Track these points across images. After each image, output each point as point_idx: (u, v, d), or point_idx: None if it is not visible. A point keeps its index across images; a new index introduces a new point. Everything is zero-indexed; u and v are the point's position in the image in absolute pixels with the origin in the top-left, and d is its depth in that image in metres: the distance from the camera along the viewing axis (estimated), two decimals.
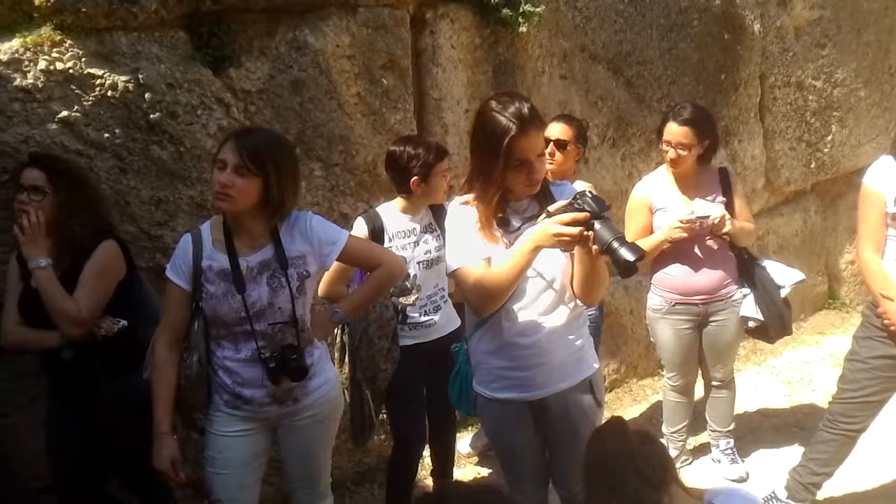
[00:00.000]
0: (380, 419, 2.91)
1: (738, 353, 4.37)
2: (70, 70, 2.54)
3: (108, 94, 2.61)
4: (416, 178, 2.68)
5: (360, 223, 2.76)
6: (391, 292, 2.65)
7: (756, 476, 3.45)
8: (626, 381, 4.46)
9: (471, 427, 3.78)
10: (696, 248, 3.10)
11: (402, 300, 2.70)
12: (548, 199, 2.05)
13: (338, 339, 2.77)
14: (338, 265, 2.47)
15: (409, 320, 2.79)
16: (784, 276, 3.16)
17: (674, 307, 3.20)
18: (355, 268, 2.60)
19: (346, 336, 2.71)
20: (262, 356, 2.17)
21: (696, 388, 3.51)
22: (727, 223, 2.99)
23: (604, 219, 1.83)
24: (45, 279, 2.29)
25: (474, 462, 3.66)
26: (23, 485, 2.39)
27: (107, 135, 2.64)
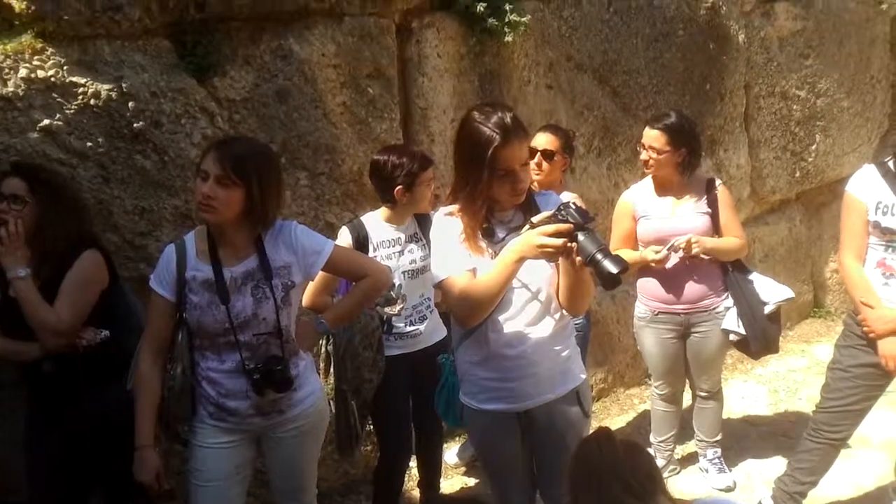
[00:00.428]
0: (365, 430, 2.89)
1: (726, 363, 4.39)
2: (52, 78, 2.52)
3: (91, 102, 2.59)
4: (400, 187, 2.68)
5: (344, 232, 2.75)
6: (376, 302, 2.64)
7: (743, 485, 3.45)
8: (614, 391, 4.45)
9: (458, 437, 3.76)
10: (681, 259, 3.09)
11: (387, 310, 2.68)
12: (533, 210, 2.04)
13: (322, 350, 2.74)
14: (323, 275, 2.44)
15: (395, 330, 2.78)
16: (771, 291, 3.13)
17: (657, 316, 3.21)
18: (340, 278, 2.58)
19: (330, 346, 2.68)
20: (247, 367, 2.15)
21: (683, 397, 3.51)
22: (694, 246, 2.97)
23: (587, 230, 1.83)
24: (24, 289, 2.25)
25: (461, 472, 3.64)
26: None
27: (89, 144, 2.62)
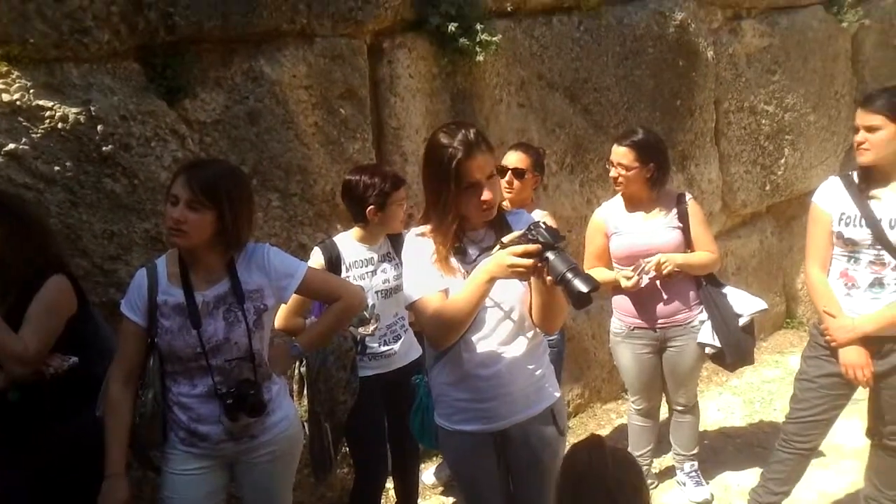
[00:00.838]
0: (341, 452, 2.87)
1: (701, 375, 4.42)
2: (17, 102, 2.48)
3: (59, 126, 2.56)
4: (372, 207, 2.68)
5: (316, 253, 2.74)
6: (350, 322, 2.63)
7: (720, 498, 3.47)
8: (591, 406, 4.46)
9: (435, 457, 3.74)
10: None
11: (360, 330, 2.68)
12: (504, 229, 2.05)
13: (296, 372, 2.72)
14: (296, 297, 2.44)
15: (369, 350, 2.77)
16: (745, 304, 3.16)
17: (633, 331, 3.23)
18: (314, 300, 2.57)
19: (303, 368, 2.66)
20: (219, 392, 2.13)
21: (660, 411, 3.52)
22: (665, 267, 3.00)
23: (558, 249, 1.84)
24: None
25: (438, 492, 3.62)
26: None
27: (57, 168, 2.59)
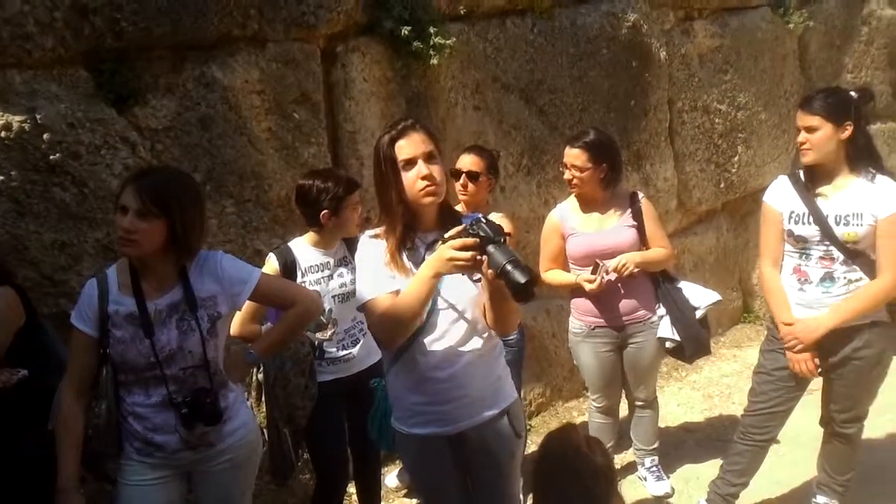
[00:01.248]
0: (301, 458, 2.85)
1: (661, 371, 4.48)
2: None
3: (2, 134, 2.52)
4: (326, 211, 2.67)
5: (271, 259, 2.72)
6: (308, 327, 2.61)
7: (681, 491, 3.52)
8: (552, 405, 4.50)
9: (398, 461, 3.73)
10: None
11: (318, 335, 2.67)
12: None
13: (254, 378, 2.70)
14: (251, 304, 2.42)
15: (327, 355, 2.75)
16: (700, 297, 3.22)
17: (593, 331, 3.25)
18: (269, 306, 2.55)
19: (261, 375, 2.65)
20: (174, 401, 2.11)
21: (620, 408, 3.57)
22: (626, 267, 3.04)
23: (498, 243, 1.85)
24: None
25: (402, 495, 3.61)
26: None
27: (1, 177, 2.54)
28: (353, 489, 3.20)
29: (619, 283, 3.12)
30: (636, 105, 4.66)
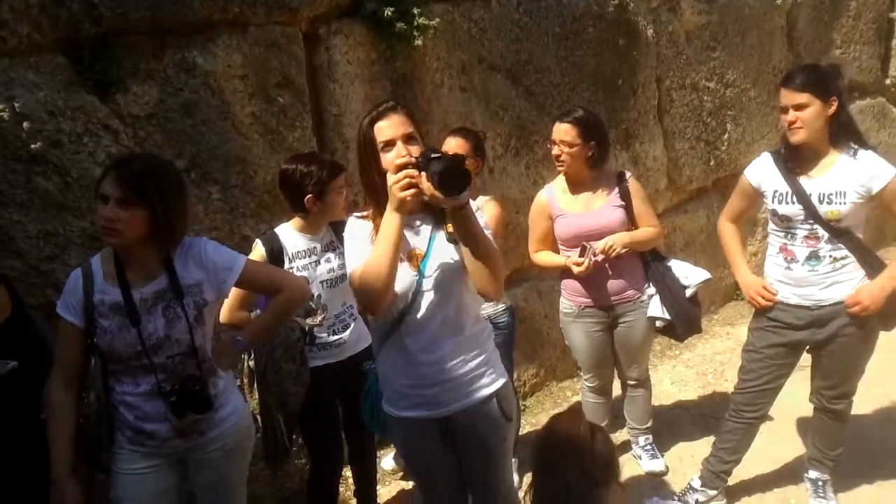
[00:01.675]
0: (295, 443, 2.85)
1: (654, 349, 4.50)
2: None
3: None
4: (310, 196, 2.64)
5: (258, 245, 2.71)
6: (297, 313, 2.60)
7: (675, 468, 3.54)
8: (546, 385, 4.51)
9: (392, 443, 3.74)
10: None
11: (308, 321, 2.65)
12: (442, 213, 2.04)
13: (245, 365, 2.69)
14: (238, 291, 2.41)
15: (318, 341, 2.74)
16: (690, 275, 3.22)
17: (583, 310, 3.25)
18: (256, 293, 2.54)
19: (252, 362, 2.64)
20: (163, 389, 2.11)
21: (613, 387, 3.57)
22: (612, 249, 3.03)
23: (435, 159, 1.86)
24: None
25: (398, 478, 3.62)
26: None
27: None
28: (348, 473, 3.21)
29: (606, 263, 3.11)
30: (624, 84, 4.63)
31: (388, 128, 1.98)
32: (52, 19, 2.58)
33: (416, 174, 1.85)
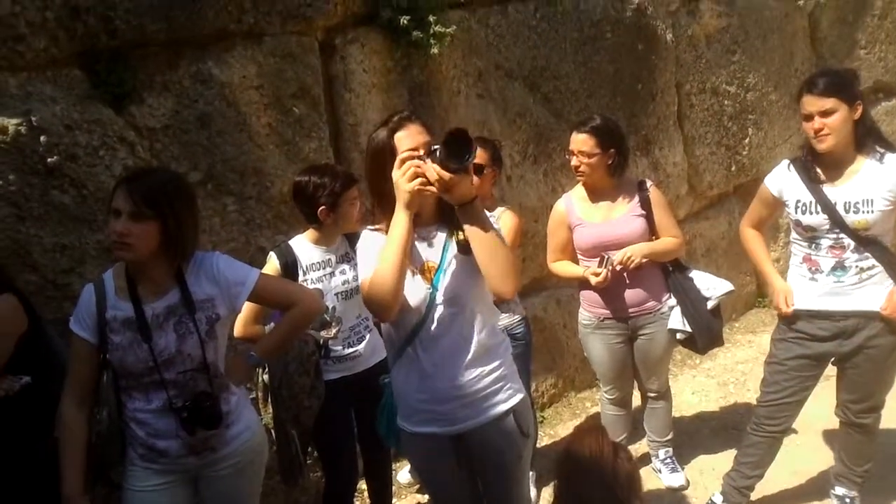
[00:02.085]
0: (310, 457, 2.83)
1: (674, 358, 4.43)
2: None
3: None
4: (323, 207, 2.62)
5: (272, 258, 2.69)
6: (312, 326, 2.58)
7: (696, 482, 3.48)
8: (565, 395, 4.45)
9: None
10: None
11: (322, 334, 2.63)
12: (454, 224, 2.01)
13: (259, 380, 2.68)
14: (252, 304, 2.40)
15: (333, 354, 2.72)
16: (712, 286, 3.15)
17: (603, 322, 3.20)
18: (269, 307, 2.52)
19: (266, 375, 2.62)
20: (174, 406, 2.09)
21: (632, 399, 3.52)
22: (631, 260, 2.98)
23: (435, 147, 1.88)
24: None
25: (414, 491, 3.59)
26: None
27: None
28: (364, 486, 3.19)
29: (625, 274, 3.05)
30: (643, 89, 4.58)
31: (408, 138, 1.95)
32: (68, 33, 2.58)
33: (420, 164, 1.85)
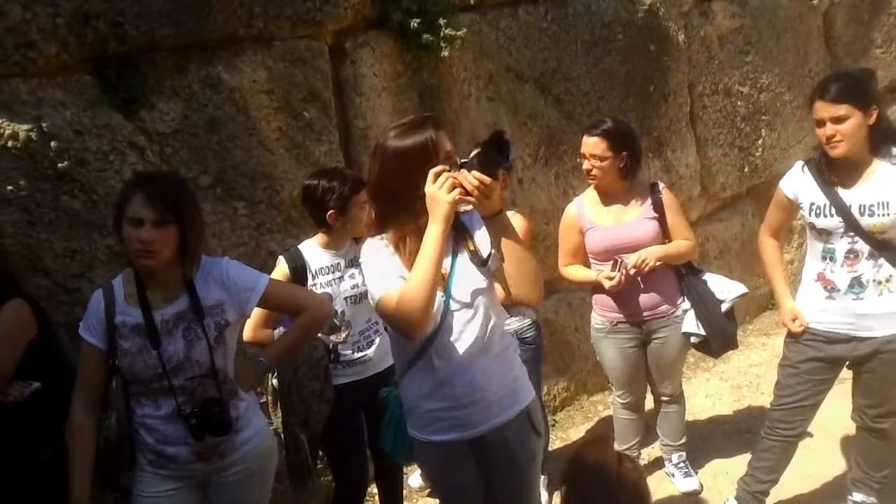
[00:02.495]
0: (319, 462, 2.82)
1: (688, 361, 4.38)
2: None
3: (9, 144, 2.50)
4: (332, 211, 2.61)
5: (281, 263, 2.69)
6: (321, 330, 2.57)
7: (710, 487, 3.44)
8: (577, 399, 4.42)
9: None
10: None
11: (332, 338, 2.62)
12: (460, 230, 2.01)
13: (269, 384, 2.67)
14: (260, 309, 2.39)
15: (342, 358, 2.71)
16: (726, 289, 3.12)
17: (616, 326, 3.17)
18: (278, 312, 2.51)
19: (276, 380, 2.61)
20: (182, 412, 2.08)
21: (645, 403, 3.48)
22: (645, 264, 2.95)
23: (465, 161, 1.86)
24: None
25: (425, 495, 3.58)
26: None
27: (10, 187, 2.52)
28: (375, 490, 3.17)
29: (638, 278, 3.03)
30: (655, 90, 4.54)
31: (446, 140, 1.94)
32: (78, 39, 2.59)
33: (455, 174, 1.82)
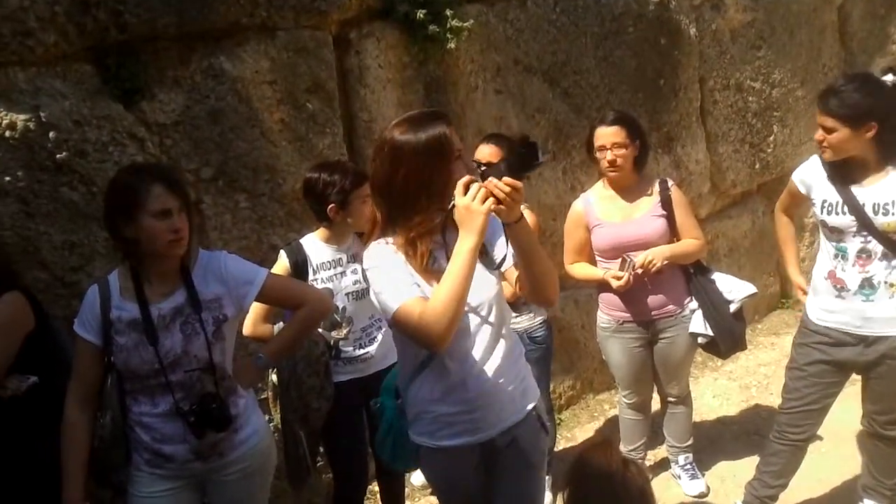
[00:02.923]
0: (319, 459, 2.79)
1: (695, 360, 4.32)
2: None
3: (7, 134, 2.46)
4: (333, 205, 2.56)
5: (282, 257, 2.64)
6: (322, 326, 2.53)
7: (717, 490, 3.39)
8: (583, 397, 4.37)
9: None
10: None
11: (333, 334, 2.58)
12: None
13: (269, 380, 2.63)
14: (260, 304, 2.35)
15: (343, 355, 2.66)
16: (734, 289, 3.06)
17: (622, 325, 3.12)
18: (278, 307, 2.47)
19: (275, 376, 2.57)
20: (181, 409, 2.04)
21: (652, 403, 3.43)
22: (653, 264, 2.90)
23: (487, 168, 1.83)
24: None
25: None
26: None
27: (7, 178, 2.48)
28: (376, 488, 3.14)
29: (645, 277, 2.97)
30: (665, 85, 4.47)
31: (458, 139, 1.88)
32: (78, 27, 2.54)
33: (485, 184, 1.75)
